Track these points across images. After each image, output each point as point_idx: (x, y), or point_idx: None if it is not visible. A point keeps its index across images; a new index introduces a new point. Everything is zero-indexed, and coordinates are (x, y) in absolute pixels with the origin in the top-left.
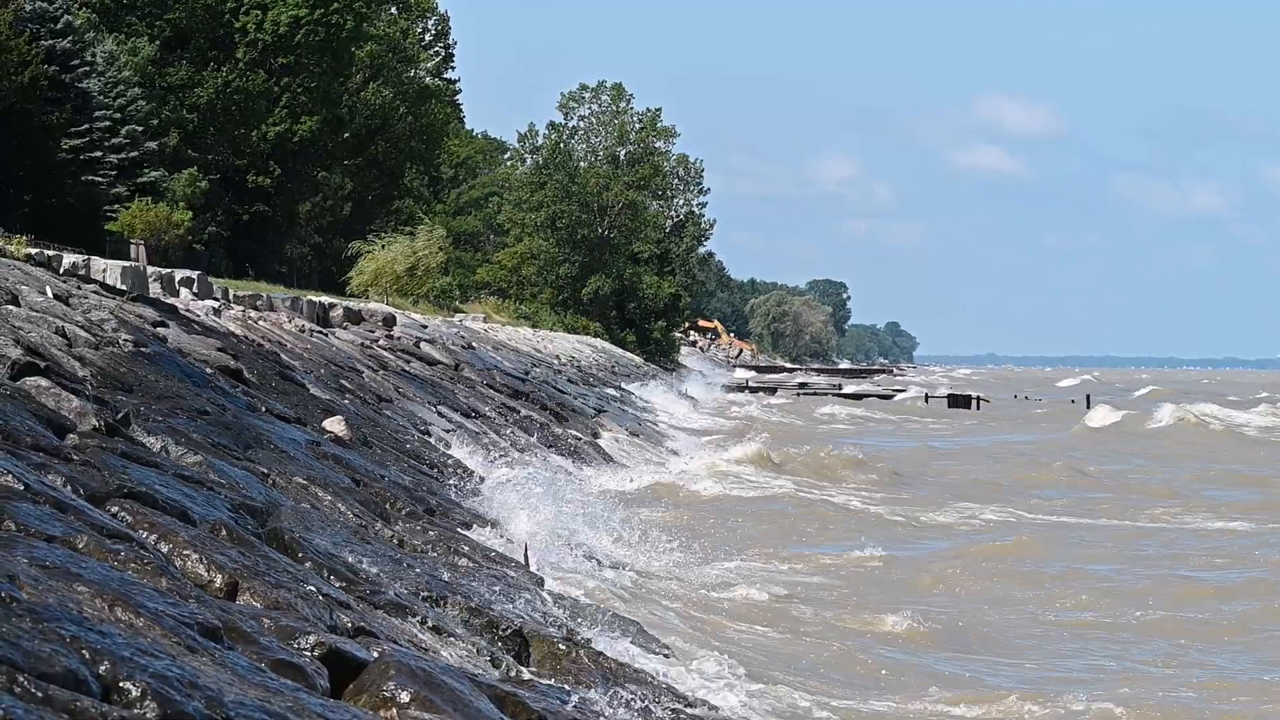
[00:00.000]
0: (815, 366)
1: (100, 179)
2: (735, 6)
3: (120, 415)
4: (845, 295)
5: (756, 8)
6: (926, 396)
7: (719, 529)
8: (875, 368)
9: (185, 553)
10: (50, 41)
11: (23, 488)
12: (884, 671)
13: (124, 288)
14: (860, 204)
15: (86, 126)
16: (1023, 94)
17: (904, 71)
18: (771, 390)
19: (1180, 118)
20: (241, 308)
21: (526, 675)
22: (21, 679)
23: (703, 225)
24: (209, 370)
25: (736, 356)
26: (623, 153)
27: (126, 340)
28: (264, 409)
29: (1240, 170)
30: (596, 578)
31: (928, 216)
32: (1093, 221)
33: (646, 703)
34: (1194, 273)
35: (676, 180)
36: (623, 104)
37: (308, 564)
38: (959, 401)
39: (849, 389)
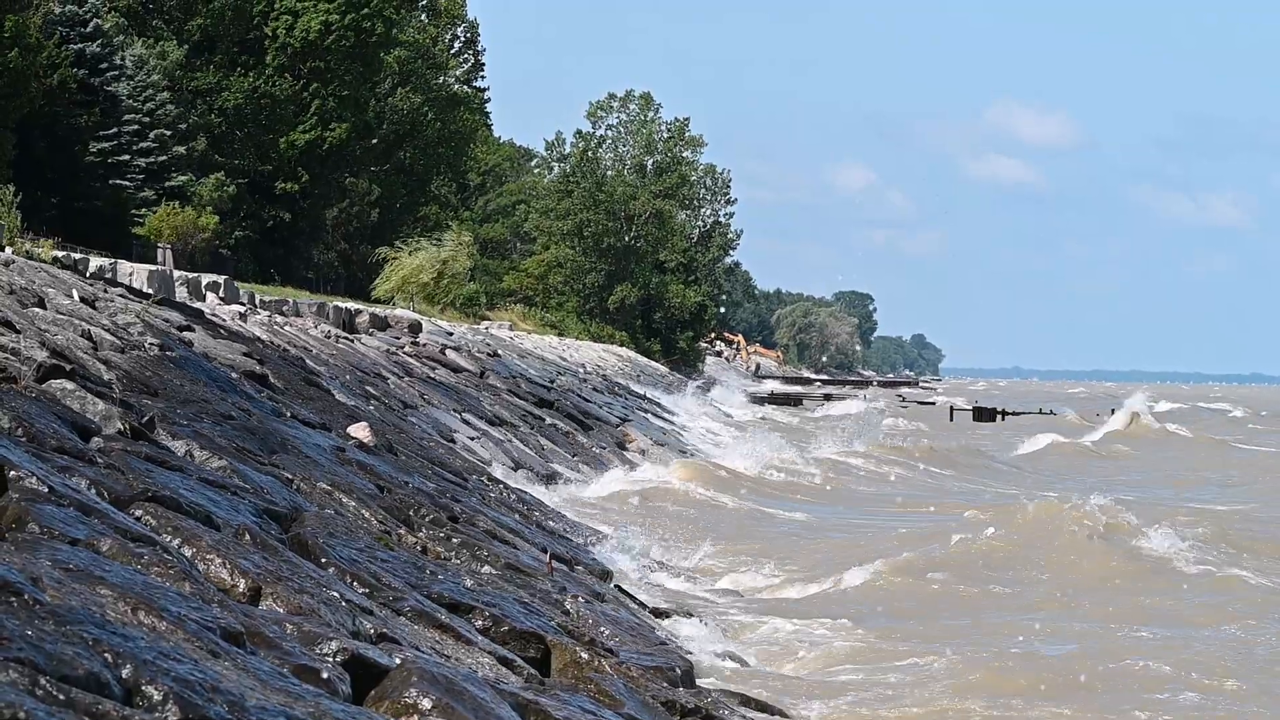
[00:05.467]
0: (849, 379)
1: (128, 183)
2: (749, 16)
3: (145, 419)
4: (871, 306)
5: (769, 16)
6: (952, 410)
7: None
8: (902, 379)
9: (209, 557)
10: (79, 45)
11: (47, 490)
12: None
13: (150, 291)
14: (878, 213)
15: (115, 130)
16: (1036, 102)
17: (915, 80)
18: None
19: (1194, 128)
20: (268, 313)
21: (548, 683)
22: (44, 681)
23: (729, 235)
24: (234, 375)
25: (755, 370)
26: (650, 162)
27: (152, 344)
28: (289, 414)
29: (1257, 181)
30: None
31: (946, 226)
32: (1112, 232)
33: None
34: (1216, 286)
35: (703, 190)
36: (651, 113)
37: (331, 569)
38: (984, 414)
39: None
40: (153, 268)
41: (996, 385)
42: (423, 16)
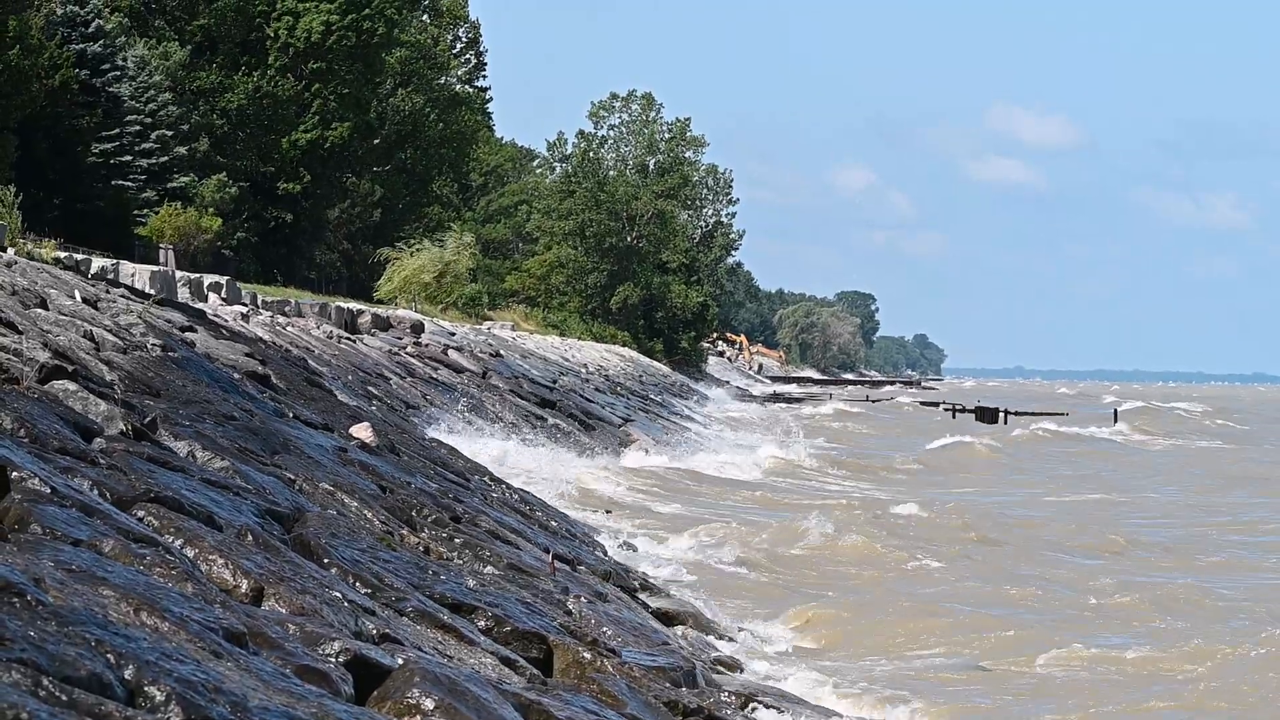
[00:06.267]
0: (847, 378)
1: (130, 183)
2: (750, 17)
3: (147, 419)
4: (874, 306)
5: (770, 17)
6: (954, 411)
7: None
8: (903, 379)
9: (211, 557)
10: (81, 46)
11: (49, 491)
12: None
13: (152, 292)
14: (879, 214)
15: (117, 131)
16: (1037, 104)
17: (916, 82)
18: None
19: (1195, 130)
20: (270, 313)
21: (550, 683)
22: (46, 682)
23: (731, 235)
24: (237, 375)
25: (758, 370)
26: (652, 162)
27: (154, 344)
28: (291, 415)
29: (1258, 184)
30: None
31: (947, 227)
32: (1113, 233)
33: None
34: (1217, 286)
35: (705, 190)
36: (652, 113)
37: (333, 570)
38: (986, 415)
39: None
40: (155, 268)
41: (986, 385)
42: (424, 17)
